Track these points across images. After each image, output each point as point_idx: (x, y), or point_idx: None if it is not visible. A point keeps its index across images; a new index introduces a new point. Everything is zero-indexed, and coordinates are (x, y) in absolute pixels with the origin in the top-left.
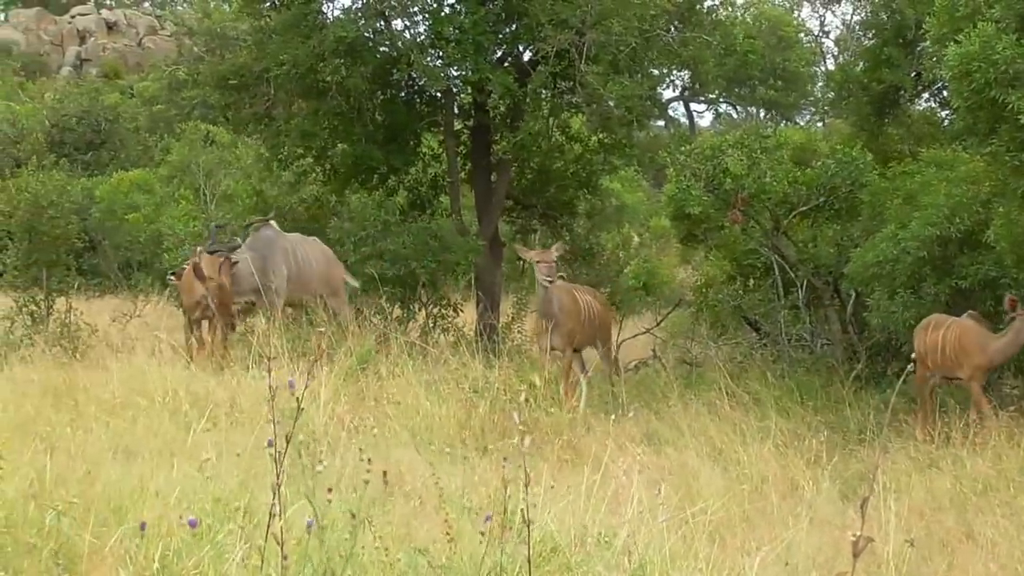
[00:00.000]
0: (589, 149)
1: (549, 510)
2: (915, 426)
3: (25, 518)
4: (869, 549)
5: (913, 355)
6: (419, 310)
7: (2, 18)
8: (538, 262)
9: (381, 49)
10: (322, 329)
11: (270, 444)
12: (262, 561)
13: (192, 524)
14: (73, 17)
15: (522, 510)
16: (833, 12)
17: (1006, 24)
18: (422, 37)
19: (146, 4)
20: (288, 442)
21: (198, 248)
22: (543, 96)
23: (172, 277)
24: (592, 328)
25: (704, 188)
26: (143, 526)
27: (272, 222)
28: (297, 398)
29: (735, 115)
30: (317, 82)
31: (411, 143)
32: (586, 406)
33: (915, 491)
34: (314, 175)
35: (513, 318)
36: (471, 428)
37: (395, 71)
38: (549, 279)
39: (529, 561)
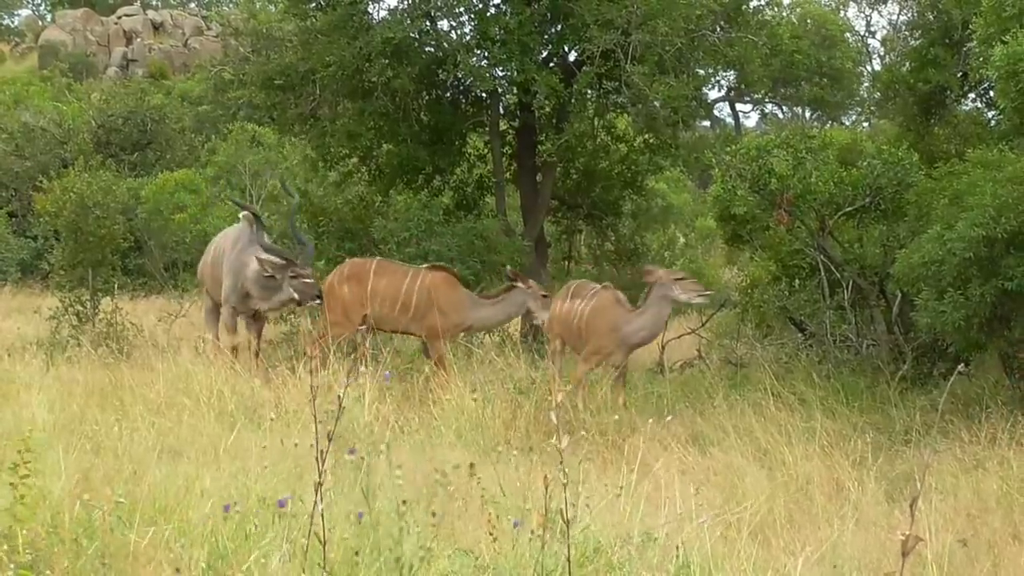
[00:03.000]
0: (634, 149)
1: (592, 510)
2: None
3: (71, 517)
4: (915, 550)
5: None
6: None
7: (49, 19)
8: (678, 279)
9: (427, 50)
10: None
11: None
12: (305, 559)
13: (282, 504)
14: (120, 18)
15: (562, 510)
16: (879, 12)
17: None
18: (468, 38)
19: (192, 5)
20: (331, 441)
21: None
22: (588, 96)
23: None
24: None
25: (749, 188)
26: (227, 508)
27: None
28: (339, 398)
29: (781, 115)
30: (363, 82)
31: (456, 143)
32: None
33: (961, 492)
34: (359, 175)
35: None
36: (516, 428)
37: (441, 71)
38: (703, 296)
39: (569, 560)
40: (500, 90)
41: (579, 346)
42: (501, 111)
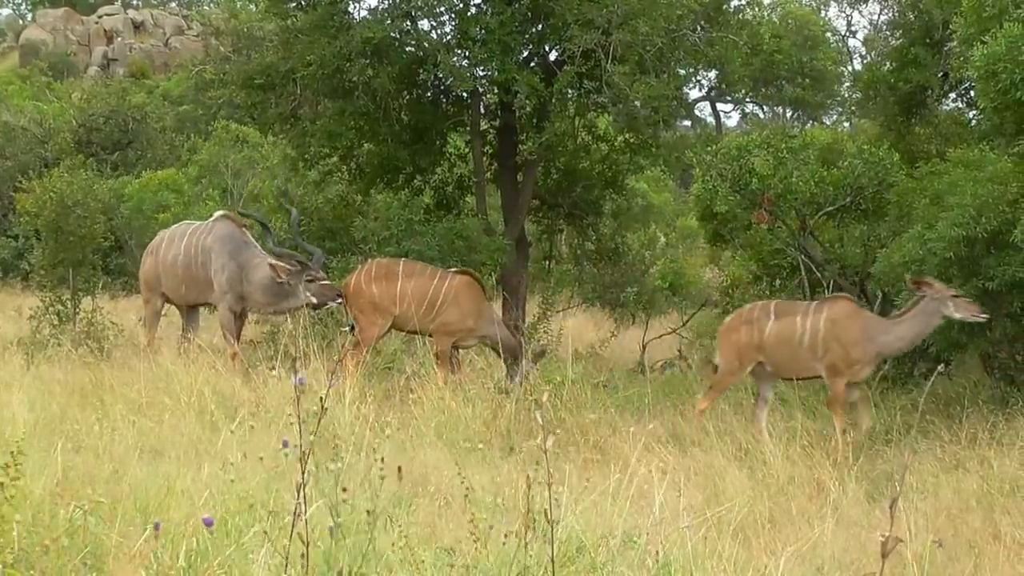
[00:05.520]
0: (615, 149)
1: (575, 510)
2: None
3: (52, 517)
4: (895, 550)
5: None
6: None
7: (29, 18)
8: (955, 296)
9: (407, 49)
10: (346, 329)
11: (285, 444)
12: (286, 561)
13: (208, 523)
14: (100, 17)
15: (546, 510)
16: (860, 12)
17: None
18: (448, 37)
19: (173, 4)
20: (313, 443)
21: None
22: (569, 96)
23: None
24: None
25: (731, 188)
26: (157, 526)
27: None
28: (321, 399)
29: (762, 115)
30: (343, 82)
31: (437, 143)
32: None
33: (942, 492)
34: (340, 175)
35: (539, 318)
36: (497, 428)
37: (421, 71)
38: (977, 317)
39: (553, 561)
40: (481, 90)
41: (792, 368)
42: (482, 111)
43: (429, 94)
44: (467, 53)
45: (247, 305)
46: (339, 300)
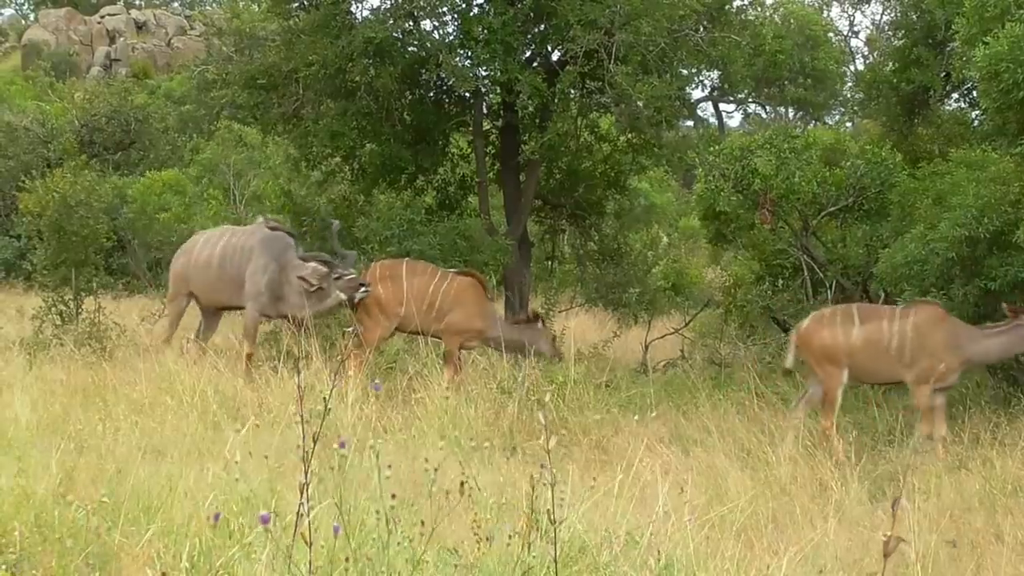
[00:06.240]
0: (618, 149)
1: (577, 510)
2: None
3: (55, 517)
4: (898, 550)
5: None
6: None
7: (32, 18)
8: None
9: (410, 49)
10: (349, 329)
11: (342, 445)
12: (289, 561)
13: (264, 520)
14: (103, 17)
15: (548, 510)
16: (862, 12)
17: None
18: (451, 37)
19: (175, 4)
20: (315, 442)
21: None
22: (572, 96)
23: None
24: None
25: (733, 188)
26: (216, 517)
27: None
28: (324, 398)
29: (764, 115)
30: (346, 82)
31: (439, 143)
32: None
33: (944, 492)
34: (342, 175)
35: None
36: (499, 428)
37: (424, 71)
38: None
39: (556, 561)
40: (483, 90)
41: (874, 372)
42: (484, 111)
43: (431, 94)
44: (469, 53)
45: (284, 308)
46: (365, 289)
